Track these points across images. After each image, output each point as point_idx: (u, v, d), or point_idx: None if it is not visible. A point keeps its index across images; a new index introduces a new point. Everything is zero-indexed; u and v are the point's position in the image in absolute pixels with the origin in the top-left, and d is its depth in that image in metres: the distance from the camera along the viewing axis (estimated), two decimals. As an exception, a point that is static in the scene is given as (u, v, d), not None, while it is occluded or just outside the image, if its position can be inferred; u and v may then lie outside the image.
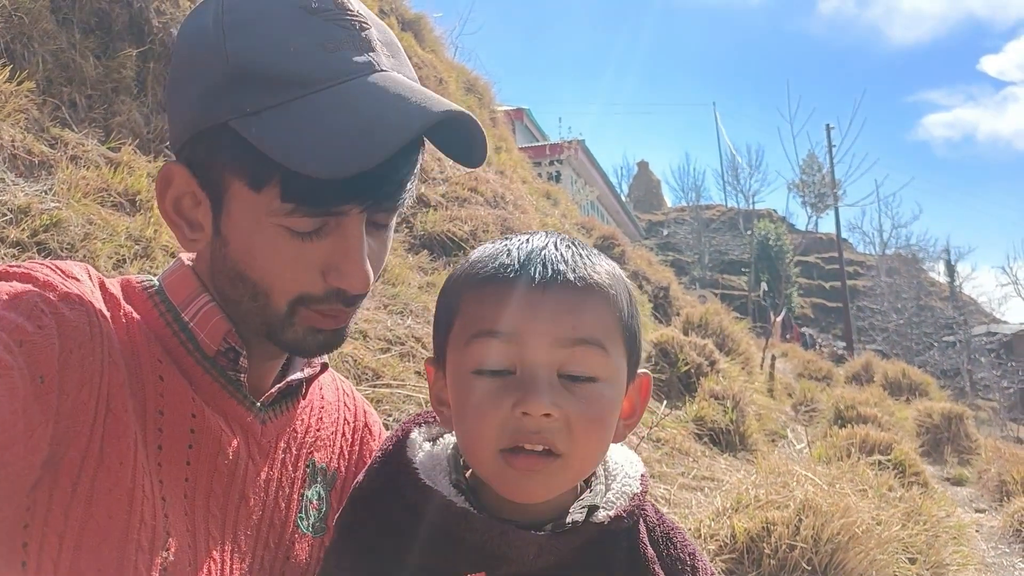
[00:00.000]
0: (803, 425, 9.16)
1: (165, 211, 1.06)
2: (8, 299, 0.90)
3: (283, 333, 1.06)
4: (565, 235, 1.04)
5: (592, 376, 0.94)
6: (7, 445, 0.81)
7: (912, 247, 51.77)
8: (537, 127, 30.63)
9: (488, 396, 0.93)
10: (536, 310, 0.92)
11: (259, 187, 0.97)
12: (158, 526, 0.95)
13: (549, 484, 0.95)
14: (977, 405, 27.50)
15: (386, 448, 1.07)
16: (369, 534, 1.00)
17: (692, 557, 1.08)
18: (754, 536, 3.58)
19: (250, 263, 1.02)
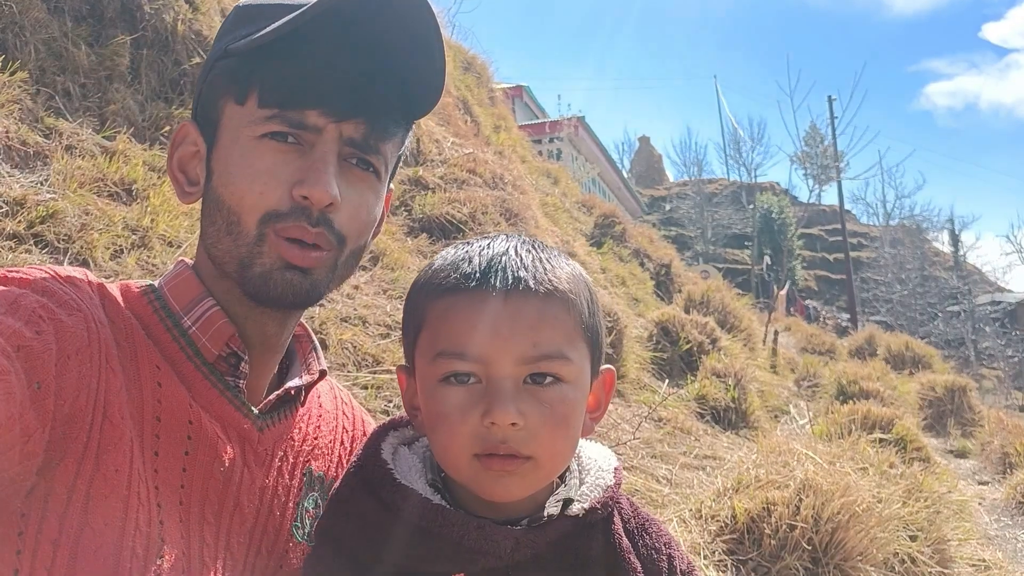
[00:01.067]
0: (806, 400, 9.18)
1: (170, 167, 1.17)
2: (6, 304, 0.90)
3: (253, 266, 1.06)
4: (526, 238, 1.06)
5: (557, 377, 0.97)
6: (3, 450, 0.81)
7: (916, 217, 51.66)
8: (537, 104, 30.48)
9: (457, 407, 0.96)
10: (498, 327, 0.95)
11: (243, 98, 1.07)
12: (153, 533, 0.95)
13: (523, 484, 0.97)
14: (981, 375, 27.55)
15: (361, 453, 1.08)
16: (348, 538, 1.01)
17: (668, 546, 1.11)
18: (754, 516, 3.59)
19: (226, 182, 1.07)
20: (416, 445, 1.10)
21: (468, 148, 7.83)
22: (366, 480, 1.04)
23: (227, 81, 1.08)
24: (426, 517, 0.97)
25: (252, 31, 1.05)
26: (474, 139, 8.72)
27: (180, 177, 1.15)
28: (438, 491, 1.01)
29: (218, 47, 1.11)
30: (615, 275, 10.02)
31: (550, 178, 12.96)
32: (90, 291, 1.02)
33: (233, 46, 1.07)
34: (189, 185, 1.14)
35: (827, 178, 22.48)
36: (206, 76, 1.12)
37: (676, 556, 1.11)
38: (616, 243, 11.67)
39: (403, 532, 0.97)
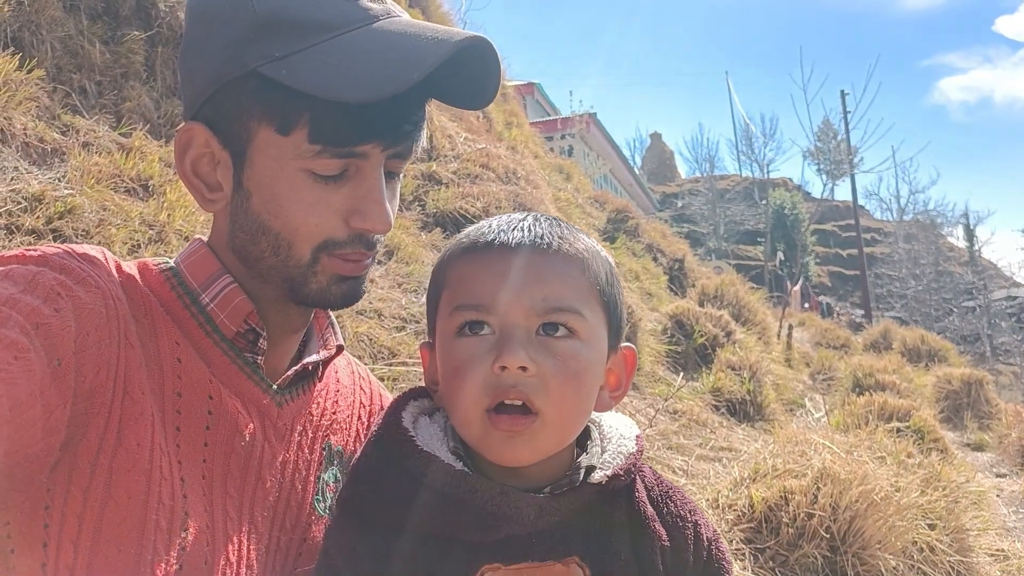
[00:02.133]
0: (821, 394, 9.13)
1: (183, 173, 1.09)
2: (25, 283, 0.90)
3: (306, 285, 1.08)
4: (549, 215, 1.08)
5: (569, 331, 0.98)
6: (26, 426, 0.82)
7: (930, 212, 51.32)
8: (548, 101, 30.43)
9: (470, 357, 0.97)
10: (511, 277, 0.97)
11: (287, 130, 1.00)
12: (176, 507, 0.96)
13: (533, 445, 0.97)
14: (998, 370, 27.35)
15: (381, 422, 1.08)
16: (369, 507, 1.01)
17: (693, 513, 1.10)
18: (772, 505, 3.58)
19: (274, 211, 1.04)
20: (437, 415, 1.09)
21: (481, 143, 7.84)
22: (387, 447, 1.04)
23: (262, 106, 1.00)
24: (449, 483, 0.97)
25: (286, 51, 0.98)
26: (487, 135, 8.73)
27: (197, 182, 1.09)
28: (460, 459, 1.01)
29: (233, 55, 1.01)
30: (628, 270, 10.00)
31: (562, 174, 12.96)
32: (108, 268, 1.02)
33: (266, 70, 0.98)
34: (210, 191, 1.09)
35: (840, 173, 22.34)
36: (216, 82, 1.03)
37: (702, 524, 1.10)
38: (629, 238, 11.65)
39: (426, 499, 0.97)
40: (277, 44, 0.98)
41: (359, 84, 0.95)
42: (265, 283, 1.10)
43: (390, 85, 0.95)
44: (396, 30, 1.02)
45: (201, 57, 1.05)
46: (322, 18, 0.99)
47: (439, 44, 0.98)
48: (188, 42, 1.08)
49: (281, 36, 0.98)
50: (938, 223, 51.41)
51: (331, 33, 0.99)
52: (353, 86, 0.95)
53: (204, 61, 1.04)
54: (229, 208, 1.08)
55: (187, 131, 1.06)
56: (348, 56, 0.97)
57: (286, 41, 0.98)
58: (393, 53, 0.98)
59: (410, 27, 1.02)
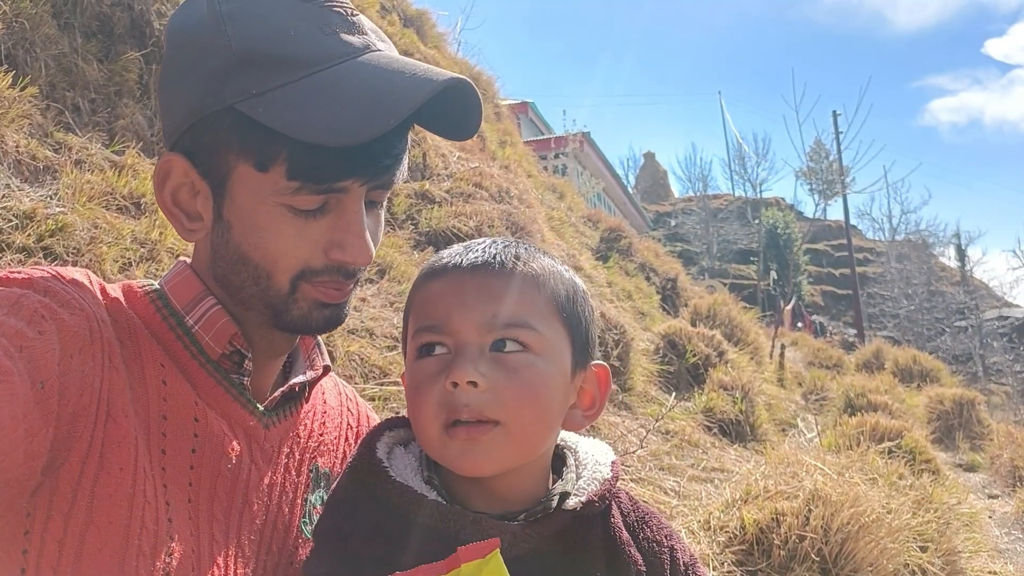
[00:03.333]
0: (813, 414, 9.14)
1: (163, 203, 1.08)
2: (8, 305, 0.90)
3: (287, 312, 1.08)
4: (514, 239, 1.10)
5: (522, 344, 0.99)
6: (7, 451, 0.81)
7: (922, 232, 51.36)
8: (542, 120, 30.55)
9: (426, 376, 1.00)
10: (464, 298, 0.99)
11: (265, 167, 1.00)
12: (160, 531, 0.95)
13: (493, 455, 0.97)
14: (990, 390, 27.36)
15: (356, 453, 1.09)
16: (346, 536, 1.01)
17: (669, 538, 1.10)
18: (763, 527, 3.57)
19: (253, 244, 1.04)
20: (412, 445, 1.10)
21: (474, 162, 7.85)
22: (362, 478, 1.05)
23: (240, 143, 1.00)
24: (422, 513, 0.98)
25: (263, 88, 0.97)
26: (480, 154, 8.75)
27: (177, 212, 1.08)
28: (434, 488, 1.02)
29: (211, 90, 0.99)
30: (621, 289, 10.01)
31: (556, 193, 12.98)
32: (92, 291, 1.02)
33: (244, 107, 0.98)
34: (189, 221, 1.08)
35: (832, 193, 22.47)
36: (194, 115, 1.02)
37: (678, 548, 1.10)
38: (622, 257, 11.66)
39: (400, 529, 0.98)
40: (254, 80, 0.97)
41: (336, 128, 0.95)
42: (248, 310, 1.10)
43: (366, 131, 0.95)
44: (376, 67, 1.01)
45: (179, 88, 1.04)
46: (300, 55, 0.98)
47: (418, 87, 0.98)
48: (166, 71, 1.08)
49: (258, 72, 0.97)
50: (930, 243, 51.52)
51: (309, 70, 0.98)
52: (330, 130, 0.95)
53: (182, 93, 1.04)
54: (210, 237, 1.08)
55: (166, 162, 1.06)
56: (325, 96, 0.97)
57: (263, 77, 0.97)
58: (371, 95, 0.97)
59: (390, 64, 1.02)
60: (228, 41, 0.98)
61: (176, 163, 1.05)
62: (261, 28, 0.99)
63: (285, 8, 1.00)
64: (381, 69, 1.01)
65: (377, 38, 1.07)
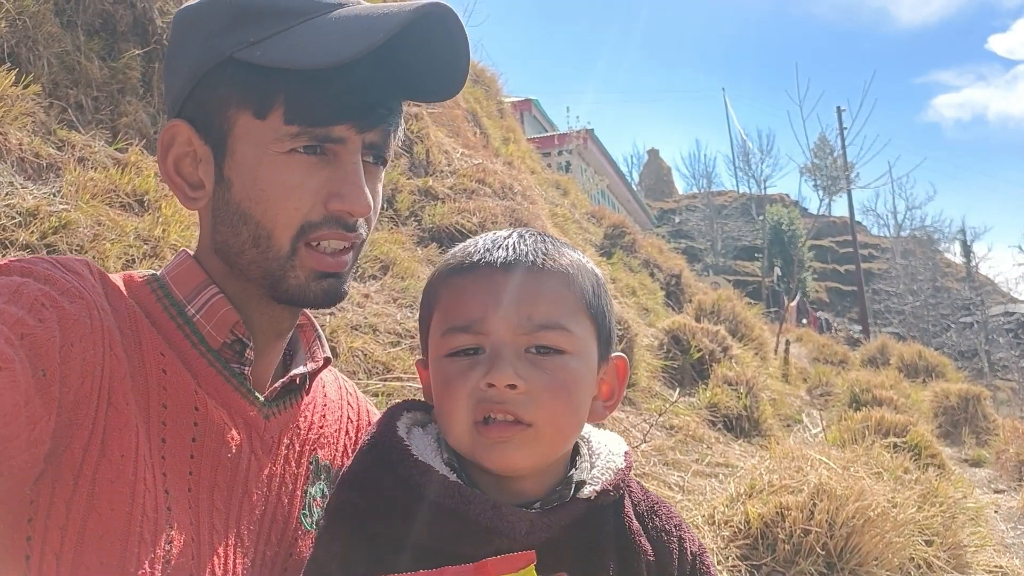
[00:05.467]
0: (818, 409, 9.11)
1: (166, 172, 1.11)
2: (9, 293, 0.91)
3: (285, 279, 1.08)
4: (535, 230, 1.11)
5: (558, 349, 1.00)
6: (10, 439, 0.82)
7: (927, 228, 51.31)
8: (546, 117, 30.50)
9: (459, 373, 1.00)
10: (498, 297, 0.99)
11: (264, 113, 1.03)
12: (160, 518, 0.95)
13: (524, 452, 0.99)
14: (996, 386, 27.30)
15: (375, 431, 1.09)
16: (360, 514, 1.02)
17: (678, 528, 1.12)
18: (768, 521, 3.56)
19: (255, 198, 1.06)
20: (430, 427, 1.11)
21: (477, 159, 7.85)
22: (382, 456, 1.05)
23: (240, 92, 1.04)
24: (444, 494, 0.98)
25: (260, 36, 1.03)
26: (483, 150, 8.74)
27: (179, 181, 1.11)
28: (454, 471, 1.02)
29: (211, 45, 1.05)
30: (625, 285, 10.00)
31: (559, 189, 12.98)
32: (92, 279, 1.02)
33: (242, 55, 1.03)
34: (192, 190, 1.10)
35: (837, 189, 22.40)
36: (196, 75, 1.07)
37: (687, 539, 1.12)
38: (626, 253, 11.65)
39: (420, 508, 0.98)
40: (252, 30, 1.03)
41: (326, 51, 1.00)
42: (247, 283, 1.10)
43: (355, 46, 0.99)
44: (366, 10, 1.06)
45: (182, 55, 1.09)
46: (295, 5, 1.05)
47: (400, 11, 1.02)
48: (171, 48, 1.13)
49: (256, 23, 1.04)
50: (935, 239, 51.46)
51: (303, 17, 1.04)
52: (320, 53, 1.00)
53: (184, 58, 1.08)
54: (211, 205, 1.10)
55: (170, 129, 1.09)
56: (318, 33, 1.02)
57: (260, 27, 1.03)
58: (358, 24, 1.02)
59: (379, 8, 1.06)
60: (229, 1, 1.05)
61: (179, 129, 1.09)
62: None
63: None
64: (371, 8, 1.06)
65: None
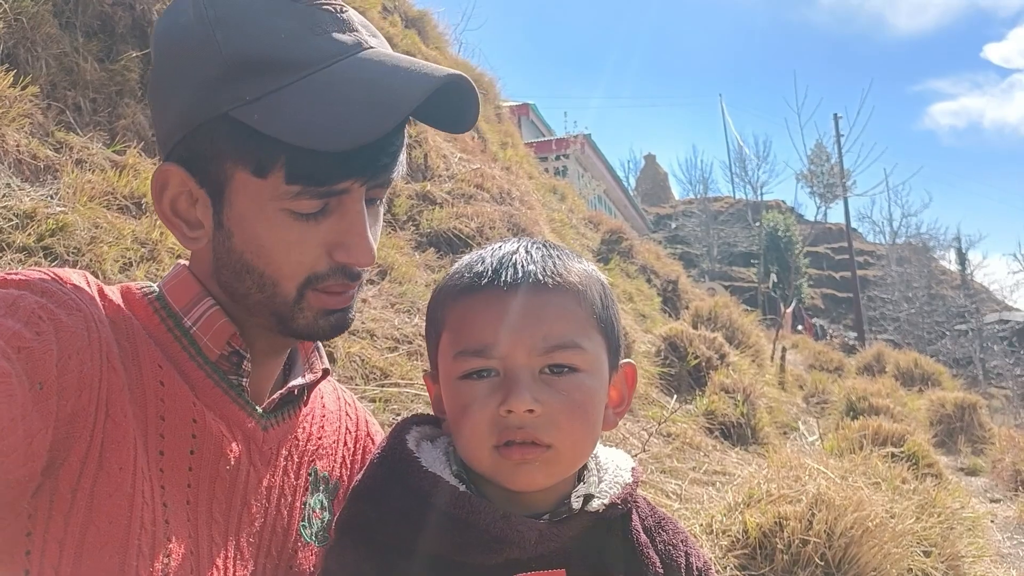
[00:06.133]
0: (815, 417, 9.12)
1: (163, 213, 1.07)
2: (6, 306, 0.90)
3: (293, 320, 1.07)
4: (537, 239, 1.10)
5: (572, 367, 1.00)
6: (7, 452, 0.81)
7: (922, 236, 51.44)
8: (543, 122, 30.54)
9: (476, 399, 1.00)
10: (511, 321, 0.99)
11: (264, 173, 0.98)
12: (158, 531, 0.94)
13: (544, 473, 1.00)
14: (990, 394, 27.38)
15: (385, 445, 1.10)
16: (372, 526, 1.03)
17: (684, 543, 1.14)
18: (766, 531, 3.56)
19: (256, 251, 1.03)
20: (439, 440, 1.11)
21: (475, 164, 7.85)
22: (392, 468, 1.06)
23: (237, 150, 0.98)
24: (454, 504, 0.99)
25: (258, 93, 0.96)
26: (481, 155, 8.74)
27: (177, 221, 1.07)
28: (463, 483, 1.03)
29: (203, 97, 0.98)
30: (622, 291, 10.00)
31: (557, 194, 12.98)
32: (90, 292, 1.01)
33: (238, 114, 0.96)
34: (190, 229, 1.07)
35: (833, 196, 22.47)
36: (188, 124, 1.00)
37: (693, 554, 1.14)
38: (623, 259, 11.66)
39: (430, 519, 0.99)
40: (248, 86, 0.96)
41: (334, 132, 0.94)
42: (252, 316, 1.09)
43: (365, 133, 0.94)
44: (371, 66, 1.00)
45: (170, 96, 1.02)
46: (292, 57, 0.96)
47: (415, 84, 0.97)
48: (156, 79, 1.06)
49: (251, 78, 0.96)
50: (930, 246, 51.58)
51: (302, 72, 0.96)
52: (328, 134, 0.94)
53: (174, 101, 1.02)
54: (212, 245, 1.07)
55: (163, 172, 1.04)
56: (321, 99, 0.95)
57: (256, 83, 0.96)
58: (368, 95, 0.96)
59: (385, 62, 1.01)
60: (218, 47, 0.96)
61: (173, 173, 1.04)
62: (251, 32, 0.97)
63: (274, 10, 0.98)
64: (376, 68, 0.99)
65: (368, 33, 1.05)
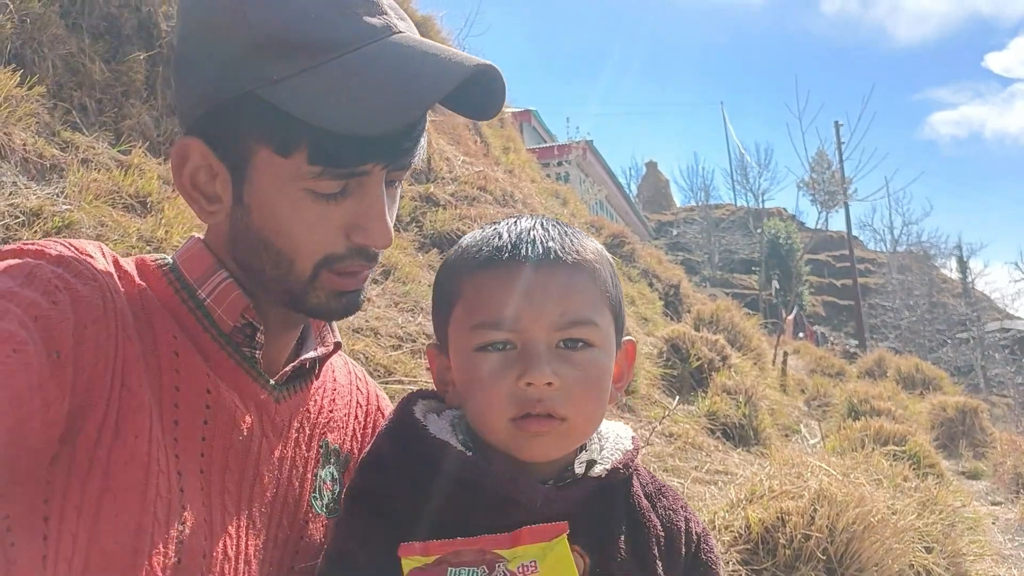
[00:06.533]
0: (816, 420, 9.12)
1: (182, 185, 1.07)
2: (23, 276, 0.91)
3: (306, 299, 1.08)
4: (553, 219, 1.12)
5: (588, 342, 1.03)
6: (25, 420, 0.82)
7: (923, 244, 51.37)
8: (545, 128, 30.56)
9: (493, 371, 1.01)
10: (531, 296, 1.01)
11: (287, 152, 0.98)
12: (173, 499, 0.95)
13: (559, 444, 1.03)
14: (992, 402, 27.27)
15: (393, 416, 1.12)
16: (380, 496, 1.04)
17: (684, 509, 1.17)
18: (769, 527, 3.57)
19: (275, 229, 1.04)
20: (444, 413, 1.13)
21: (478, 166, 7.88)
22: (399, 438, 1.08)
23: (260, 128, 0.98)
24: (462, 468, 1.01)
25: (284, 73, 0.95)
26: (484, 159, 8.77)
27: (196, 194, 1.07)
28: (470, 450, 1.05)
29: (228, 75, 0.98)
30: (624, 295, 9.99)
31: (559, 199, 13.00)
32: (105, 263, 1.02)
33: (263, 93, 0.96)
34: (209, 204, 1.07)
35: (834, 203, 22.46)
36: (211, 100, 1.01)
37: (692, 519, 1.17)
38: (625, 263, 11.67)
39: (440, 483, 1.01)
40: (274, 66, 0.95)
41: (361, 117, 0.94)
42: (266, 292, 1.10)
43: (392, 119, 0.95)
44: (400, 51, 0.99)
45: (195, 73, 1.02)
46: (321, 38, 0.96)
47: (444, 72, 0.97)
48: (181, 56, 1.06)
49: (278, 57, 0.95)
50: (931, 254, 51.47)
51: (330, 55, 0.95)
52: (354, 118, 0.94)
53: (198, 77, 1.02)
54: (229, 219, 1.07)
55: (184, 145, 1.05)
56: (349, 82, 0.95)
57: (283, 63, 0.95)
58: (396, 81, 0.96)
59: (414, 47, 1.00)
60: (247, 24, 0.95)
61: (194, 146, 1.04)
62: (281, 11, 0.96)
63: None
64: (405, 53, 0.99)
65: (397, 16, 1.05)
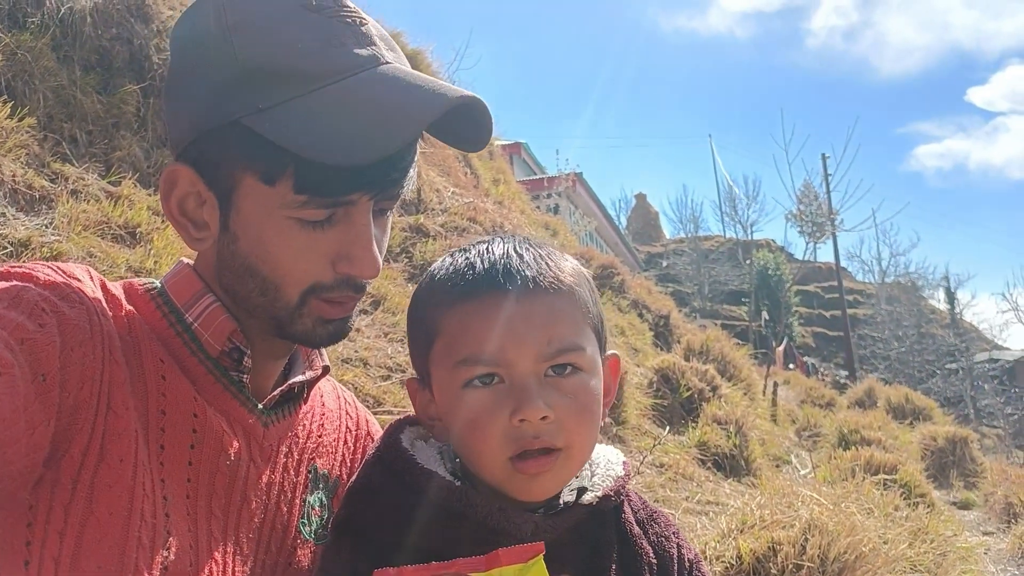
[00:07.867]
0: (807, 450, 9.11)
1: (170, 211, 1.07)
2: (9, 299, 0.90)
3: (292, 326, 1.07)
4: (520, 237, 1.09)
5: (576, 366, 1.01)
6: (9, 443, 0.81)
7: (911, 275, 51.71)
8: (535, 161, 30.73)
9: (484, 409, 0.98)
10: (515, 328, 0.98)
11: (272, 181, 0.99)
12: (158, 524, 0.94)
13: (557, 479, 1.01)
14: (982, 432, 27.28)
15: (380, 444, 1.10)
16: (370, 525, 1.02)
17: (676, 535, 1.15)
18: (760, 556, 3.55)
19: (261, 256, 1.04)
20: (432, 440, 1.11)
21: (468, 197, 7.91)
22: (388, 467, 1.06)
23: (246, 156, 0.99)
24: (450, 497, 0.99)
25: (271, 102, 0.96)
26: (474, 190, 8.81)
27: (184, 221, 1.07)
28: (458, 479, 1.03)
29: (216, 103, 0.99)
30: (614, 325, 10.01)
31: (549, 230, 13.03)
32: (93, 286, 1.02)
33: (250, 122, 0.97)
34: (197, 230, 1.07)
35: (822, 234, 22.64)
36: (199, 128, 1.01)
37: (684, 546, 1.15)
38: (615, 294, 11.68)
39: (427, 514, 0.99)
40: (260, 95, 0.96)
41: (344, 146, 0.94)
42: (252, 317, 1.10)
43: (375, 150, 0.95)
44: (385, 82, 1.00)
45: (185, 99, 1.04)
46: (307, 67, 0.97)
47: (428, 104, 0.98)
48: (173, 80, 1.07)
49: (264, 86, 0.96)
50: (919, 285, 51.83)
51: (316, 84, 0.96)
52: (338, 148, 0.94)
53: (188, 103, 1.03)
54: (216, 247, 1.07)
55: (172, 172, 1.05)
56: (334, 112, 0.95)
57: (270, 92, 0.96)
58: (380, 111, 0.97)
59: (400, 79, 1.01)
60: (235, 53, 0.97)
61: (182, 173, 1.04)
62: (268, 41, 0.97)
63: (293, 20, 0.99)
64: (390, 83, 1.00)
65: (386, 47, 1.06)
